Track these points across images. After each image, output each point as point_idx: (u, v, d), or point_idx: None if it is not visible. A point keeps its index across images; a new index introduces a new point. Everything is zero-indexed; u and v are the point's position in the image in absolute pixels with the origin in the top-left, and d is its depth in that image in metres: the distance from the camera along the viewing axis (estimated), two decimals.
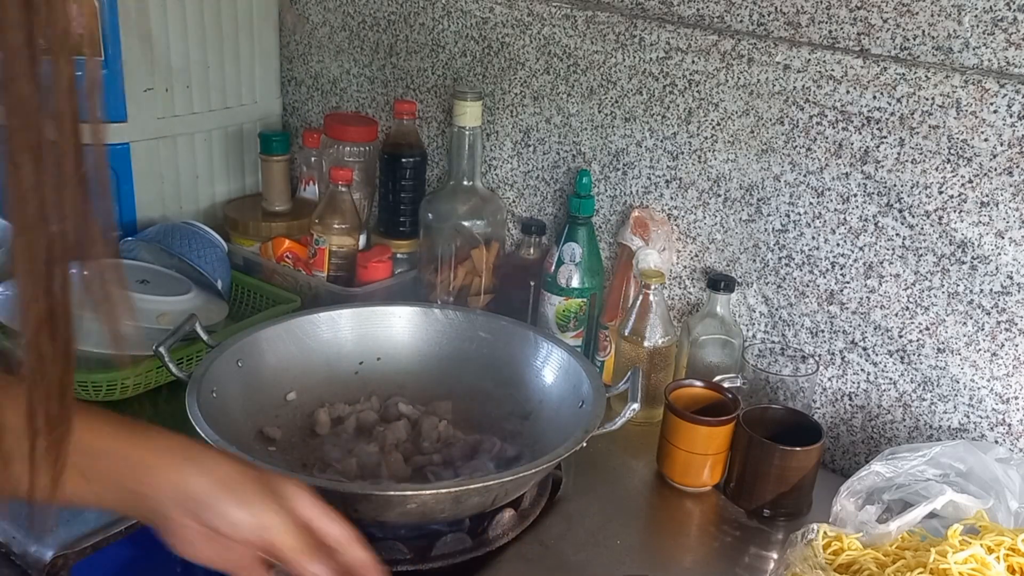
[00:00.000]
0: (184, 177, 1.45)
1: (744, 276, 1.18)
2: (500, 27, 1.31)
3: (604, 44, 1.22)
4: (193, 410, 0.90)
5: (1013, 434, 1.03)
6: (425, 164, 1.38)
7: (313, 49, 1.55)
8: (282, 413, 1.07)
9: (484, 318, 1.16)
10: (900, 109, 1.02)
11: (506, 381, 1.11)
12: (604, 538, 0.96)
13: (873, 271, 1.08)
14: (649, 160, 1.22)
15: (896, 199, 1.04)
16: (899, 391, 1.10)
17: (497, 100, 1.35)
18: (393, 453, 1.02)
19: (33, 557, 0.87)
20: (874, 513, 0.88)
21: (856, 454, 1.15)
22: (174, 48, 1.37)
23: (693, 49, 1.15)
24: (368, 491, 0.87)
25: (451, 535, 0.91)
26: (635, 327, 1.14)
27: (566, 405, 1.03)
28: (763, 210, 1.14)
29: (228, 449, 0.86)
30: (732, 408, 1.04)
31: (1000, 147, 0.97)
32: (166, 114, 1.39)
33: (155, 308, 1.13)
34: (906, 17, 1.00)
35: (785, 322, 1.16)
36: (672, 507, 1.04)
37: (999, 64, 0.95)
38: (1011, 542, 0.81)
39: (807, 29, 1.06)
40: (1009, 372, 1.02)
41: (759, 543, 0.98)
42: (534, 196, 1.36)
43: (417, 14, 1.40)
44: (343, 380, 1.13)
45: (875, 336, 1.10)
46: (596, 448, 1.07)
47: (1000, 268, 1.00)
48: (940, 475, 0.91)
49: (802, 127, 1.09)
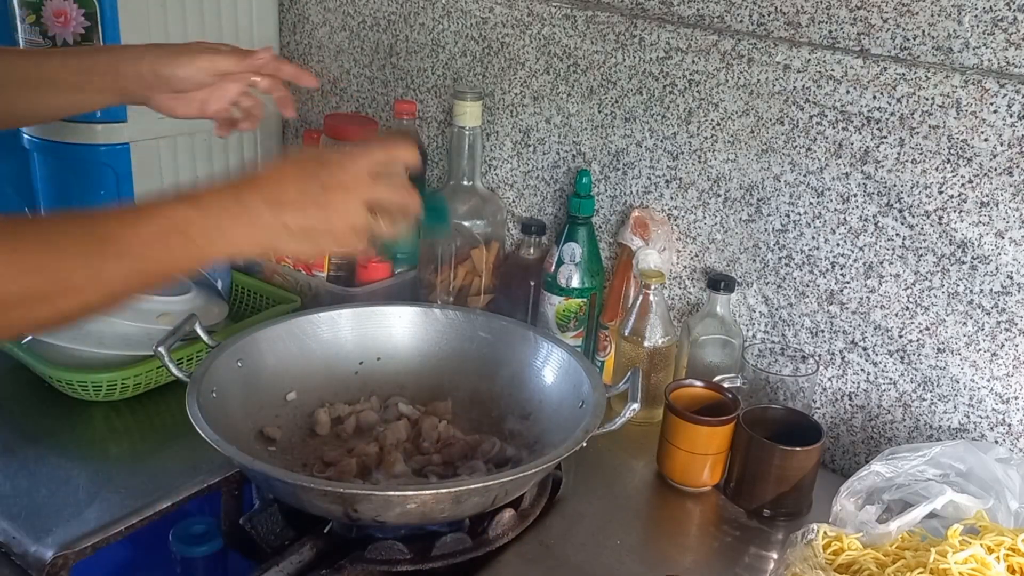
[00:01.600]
0: (184, 177, 1.45)
1: (744, 276, 1.18)
2: (500, 27, 1.31)
3: (604, 44, 1.22)
4: (193, 410, 0.90)
5: (1013, 434, 1.03)
6: (425, 164, 1.38)
7: (313, 49, 1.55)
8: (282, 413, 1.07)
9: (484, 318, 1.16)
10: (900, 109, 1.02)
11: (506, 381, 1.11)
12: (604, 538, 0.96)
13: (873, 271, 1.08)
14: (649, 160, 1.22)
15: (896, 199, 1.05)
16: (899, 391, 1.10)
17: (497, 100, 1.35)
18: (393, 453, 1.02)
19: (33, 557, 0.87)
20: (874, 513, 0.88)
21: (856, 454, 1.15)
22: None
23: (693, 49, 1.15)
24: (368, 491, 0.87)
25: (451, 535, 0.91)
26: (635, 327, 1.14)
27: (566, 405, 1.03)
28: (763, 210, 1.14)
29: (227, 450, 0.86)
30: (732, 408, 1.04)
31: (1000, 147, 0.97)
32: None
33: (155, 308, 1.13)
34: (906, 17, 1.00)
35: (785, 322, 1.16)
36: (672, 507, 1.04)
37: (999, 64, 0.95)
38: (1011, 542, 0.81)
39: (807, 29, 1.06)
40: (1009, 372, 1.02)
41: (759, 543, 0.98)
42: (534, 196, 1.36)
43: (417, 14, 1.40)
44: (343, 380, 1.13)
45: (875, 336, 1.10)
46: (596, 448, 1.07)
47: (1000, 268, 1.00)
48: (940, 475, 0.91)
49: (802, 127, 1.09)
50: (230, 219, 0.70)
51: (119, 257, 0.65)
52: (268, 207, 0.71)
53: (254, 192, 0.71)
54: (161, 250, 0.67)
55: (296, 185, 0.72)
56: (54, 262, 0.62)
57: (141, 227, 0.66)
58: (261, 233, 0.71)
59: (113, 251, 0.65)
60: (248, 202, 0.71)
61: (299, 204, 0.72)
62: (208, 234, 0.69)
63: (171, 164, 1.42)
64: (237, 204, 0.70)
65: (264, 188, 0.72)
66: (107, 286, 0.65)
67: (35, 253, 0.62)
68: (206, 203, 0.69)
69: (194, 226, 0.68)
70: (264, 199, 0.71)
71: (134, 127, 1.34)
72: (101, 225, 0.66)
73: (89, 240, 0.64)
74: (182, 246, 0.67)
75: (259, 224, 0.70)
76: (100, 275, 0.64)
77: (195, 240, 0.68)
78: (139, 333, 1.10)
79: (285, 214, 0.72)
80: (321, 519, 0.92)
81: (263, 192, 0.71)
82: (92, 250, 0.64)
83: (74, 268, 0.63)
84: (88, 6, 1.23)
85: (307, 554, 0.90)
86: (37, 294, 0.62)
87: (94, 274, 0.64)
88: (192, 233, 0.68)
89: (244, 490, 1.03)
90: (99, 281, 0.65)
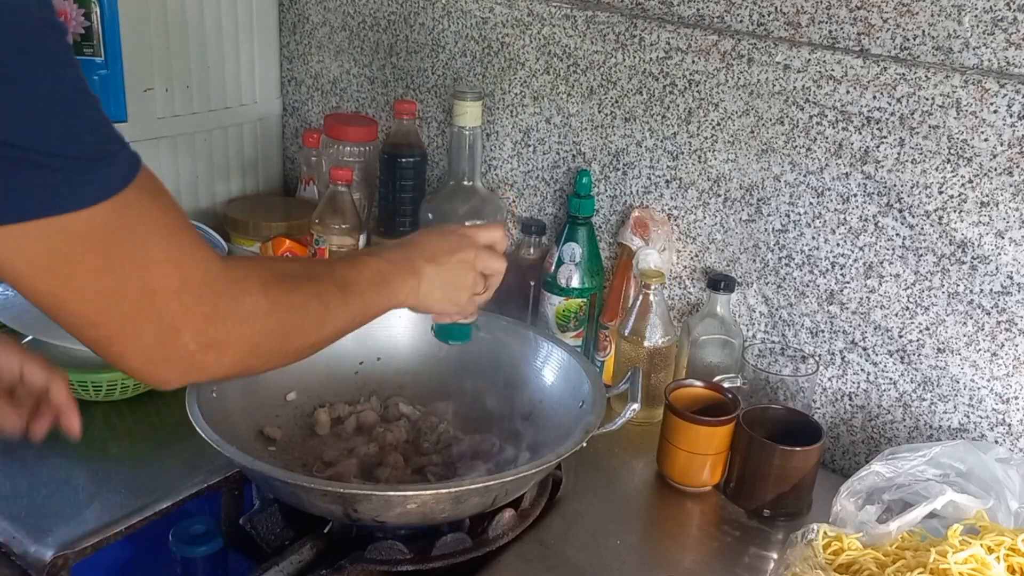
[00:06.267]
0: (184, 177, 1.45)
1: (744, 276, 1.18)
2: (500, 27, 1.31)
3: (604, 44, 1.22)
4: (193, 410, 0.90)
5: (1013, 434, 1.03)
6: (425, 164, 1.38)
7: (313, 49, 1.55)
8: (282, 413, 1.07)
9: (484, 318, 1.16)
10: (900, 109, 1.02)
11: (506, 381, 1.11)
12: (604, 538, 0.96)
13: (873, 271, 1.08)
14: (649, 160, 1.22)
15: (896, 199, 1.05)
16: (899, 391, 1.10)
17: (497, 100, 1.35)
18: (393, 453, 1.02)
19: (33, 557, 0.87)
20: (874, 513, 0.88)
21: (856, 454, 1.15)
22: (174, 48, 1.37)
23: (693, 49, 1.15)
24: (368, 491, 0.87)
25: (451, 535, 0.91)
26: (635, 327, 1.14)
27: (566, 405, 1.03)
28: (763, 210, 1.14)
29: (228, 450, 0.86)
30: (732, 408, 1.04)
31: (1000, 147, 0.97)
32: (166, 114, 1.39)
33: None
34: (906, 17, 1.00)
35: (785, 322, 1.16)
36: (672, 507, 1.04)
37: (999, 64, 0.95)
38: (1011, 542, 0.81)
39: (807, 29, 1.06)
40: (1009, 372, 1.02)
41: (759, 543, 0.98)
42: (534, 196, 1.36)
43: (417, 14, 1.40)
44: (343, 380, 1.13)
45: (875, 336, 1.10)
46: (596, 448, 1.07)
47: (1000, 268, 1.00)
48: (940, 475, 0.91)
49: (802, 127, 1.09)
50: (407, 272, 0.86)
51: (355, 296, 0.80)
52: (426, 262, 0.88)
53: (414, 250, 0.88)
54: (375, 294, 0.83)
55: (441, 246, 0.90)
56: (319, 305, 0.75)
57: (364, 274, 0.82)
58: (423, 284, 0.87)
59: (353, 291, 0.79)
60: (413, 259, 0.87)
61: (445, 258, 0.89)
62: (400, 282, 0.85)
63: (171, 164, 1.42)
64: (406, 260, 0.87)
65: (423, 248, 0.89)
66: (344, 321, 0.79)
67: (303, 294, 0.73)
68: (391, 258, 0.86)
69: (390, 276, 0.84)
70: (423, 256, 0.88)
71: (134, 127, 1.34)
72: (339, 270, 0.80)
73: (334, 282, 0.78)
74: (386, 292, 0.84)
75: (421, 275, 0.87)
76: (345, 311, 0.79)
77: (391, 286, 0.84)
78: None
79: (437, 266, 0.88)
80: (321, 519, 0.92)
81: (422, 251, 0.88)
82: (338, 291, 0.78)
83: (329, 306, 0.77)
84: (88, 6, 1.23)
85: (307, 554, 0.90)
86: (310, 328, 0.75)
87: (341, 310, 0.78)
88: (391, 281, 0.84)
89: (244, 490, 1.03)
90: (343, 317, 0.79)
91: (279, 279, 0.71)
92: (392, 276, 0.85)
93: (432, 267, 0.88)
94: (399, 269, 0.86)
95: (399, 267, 0.86)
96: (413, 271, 0.87)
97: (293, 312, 0.71)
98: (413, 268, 0.87)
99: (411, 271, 0.87)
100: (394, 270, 0.85)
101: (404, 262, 0.87)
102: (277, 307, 0.69)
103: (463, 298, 0.91)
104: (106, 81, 1.27)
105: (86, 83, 0.56)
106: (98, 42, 1.25)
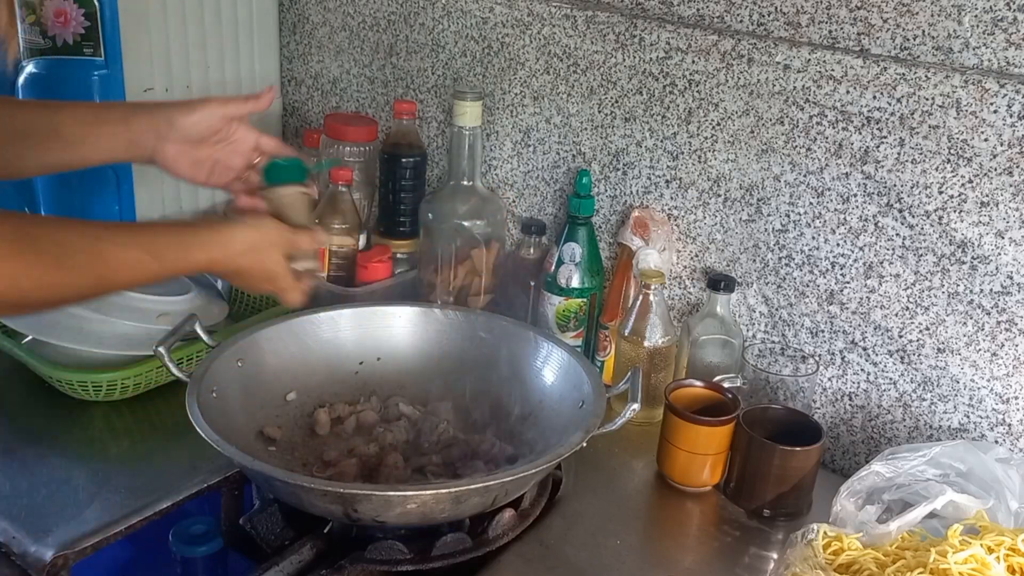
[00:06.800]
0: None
1: (744, 276, 1.18)
2: (500, 27, 1.31)
3: (604, 44, 1.22)
4: (193, 410, 0.90)
5: (1013, 434, 1.03)
6: (425, 164, 1.38)
7: (313, 49, 1.55)
8: (282, 413, 1.07)
9: (484, 318, 1.16)
10: (900, 109, 1.02)
11: (506, 381, 1.11)
12: (604, 538, 0.96)
13: (873, 271, 1.08)
14: (649, 160, 1.22)
15: (896, 199, 1.05)
16: (899, 391, 1.10)
17: (497, 100, 1.35)
18: (393, 453, 1.02)
19: (33, 557, 0.87)
20: (874, 513, 0.88)
21: (856, 454, 1.15)
22: (174, 48, 1.37)
23: (693, 49, 1.15)
24: (368, 491, 0.87)
25: (451, 535, 0.91)
26: (635, 327, 1.14)
27: (566, 405, 1.03)
28: (763, 210, 1.14)
29: (228, 450, 0.86)
30: (732, 408, 1.04)
31: (1000, 147, 0.97)
32: None
33: (155, 308, 1.13)
34: (906, 17, 1.00)
35: (785, 322, 1.16)
36: (672, 507, 1.04)
37: (999, 64, 0.95)
38: (1011, 542, 0.81)
39: (807, 29, 1.06)
40: (1009, 372, 1.02)
41: (759, 543, 0.98)
42: (534, 196, 1.36)
43: (417, 14, 1.40)
44: (343, 380, 1.13)
45: (875, 336, 1.10)
46: (596, 448, 1.07)
47: (1000, 268, 1.00)
48: (940, 475, 0.91)
49: (802, 127, 1.09)
50: (179, 271, 0.91)
51: (113, 273, 0.82)
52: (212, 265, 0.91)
53: (202, 252, 0.89)
54: (129, 271, 0.84)
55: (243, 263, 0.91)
56: (65, 276, 0.78)
57: (128, 252, 0.83)
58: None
59: (109, 269, 0.81)
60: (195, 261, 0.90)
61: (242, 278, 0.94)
62: (171, 254, 0.87)
63: None
64: (183, 262, 0.89)
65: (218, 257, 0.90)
66: (85, 292, 0.84)
67: (46, 266, 0.76)
68: (163, 256, 0.86)
69: (160, 255, 0.85)
70: (212, 260, 0.90)
71: None
72: (102, 242, 0.81)
73: (90, 256, 0.80)
74: (148, 267, 0.84)
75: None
76: (93, 286, 0.82)
77: (159, 262, 0.85)
78: (139, 333, 1.10)
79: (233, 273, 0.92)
80: (321, 519, 0.92)
81: (210, 253, 0.90)
82: (92, 265, 0.80)
83: (77, 280, 0.80)
84: (88, 6, 1.23)
85: (307, 554, 0.90)
86: (46, 293, 0.78)
87: (89, 284, 0.81)
88: (158, 254, 0.85)
89: (244, 490, 1.03)
90: (86, 288, 0.82)
91: (25, 240, 0.75)
92: (157, 273, 0.87)
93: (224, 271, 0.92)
94: (165, 269, 0.87)
95: (166, 267, 0.87)
96: (185, 271, 0.93)
97: (31, 281, 0.75)
98: (187, 269, 0.92)
99: (182, 270, 0.91)
100: (161, 270, 0.86)
101: (179, 263, 0.88)
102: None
103: (265, 288, 0.95)
104: (106, 81, 1.27)
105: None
106: (98, 42, 1.25)
